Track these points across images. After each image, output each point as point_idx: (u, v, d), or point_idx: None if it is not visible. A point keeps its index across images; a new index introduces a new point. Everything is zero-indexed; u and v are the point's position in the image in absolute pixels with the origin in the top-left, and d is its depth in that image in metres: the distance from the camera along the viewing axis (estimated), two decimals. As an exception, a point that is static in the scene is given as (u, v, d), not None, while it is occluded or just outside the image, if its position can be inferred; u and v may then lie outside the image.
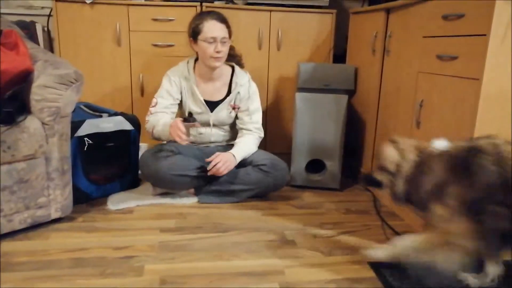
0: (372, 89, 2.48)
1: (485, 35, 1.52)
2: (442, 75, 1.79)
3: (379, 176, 1.58)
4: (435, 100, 1.84)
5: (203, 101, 2.27)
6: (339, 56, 2.98)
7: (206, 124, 2.33)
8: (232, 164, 2.17)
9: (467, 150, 1.36)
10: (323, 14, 2.84)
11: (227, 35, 2.18)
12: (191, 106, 2.28)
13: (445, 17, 1.76)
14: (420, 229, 1.61)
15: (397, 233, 1.93)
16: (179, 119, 2.05)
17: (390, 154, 1.54)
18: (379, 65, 2.39)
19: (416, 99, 1.99)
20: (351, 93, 2.71)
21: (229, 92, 2.30)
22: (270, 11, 2.77)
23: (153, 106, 2.24)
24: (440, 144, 1.49)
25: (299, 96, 2.50)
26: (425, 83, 1.92)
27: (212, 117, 2.30)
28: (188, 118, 2.07)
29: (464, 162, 1.34)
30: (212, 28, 2.13)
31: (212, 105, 2.29)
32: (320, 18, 2.84)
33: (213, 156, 2.15)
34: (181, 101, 2.29)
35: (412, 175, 1.49)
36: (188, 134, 2.05)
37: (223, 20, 2.18)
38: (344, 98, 2.46)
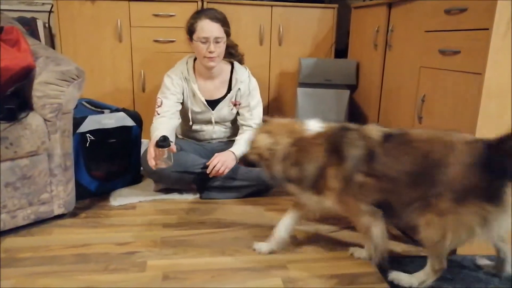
0: (373, 84, 2.48)
1: (487, 29, 1.51)
2: (444, 70, 1.79)
3: (254, 157, 1.63)
4: (437, 95, 1.84)
5: (204, 102, 2.26)
6: (341, 51, 2.98)
7: (208, 122, 2.33)
8: (231, 163, 2.16)
9: (339, 129, 1.51)
10: (325, 9, 2.83)
11: (221, 35, 2.11)
12: (192, 106, 2.28)
13: (448, 12, 1.75)
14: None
15: (399, 228, 1.94)
16: (153, 144, 1.91)
17: (263, 141, 1.58)
18: (381, 60, 2.38)
19: (418, 94, 1.98)
20: (352, 88, 2.70)
21: (229, 89, 2.29)
22: (271, 6, 2.76)
23: (159, 106, 2.23)
24: (314, 125, 1.57)
25: (300, 91, 2.50)
26: (427, 78, 1.91)
27: (214, 115, 2.30)
28: (161, 144, 1.85)
29: (337, 141, 1.48)
30: (204, 28, 2.08)
31: (213, 103, 2.29)
32: (321, 13, 2.83)
33: (212, 158, 2.15)
34: (182, 101, 2.28)
35: (289, 156, 1.54)
36: (161, 156, 1.88)
37: (217, 19, 2.12)
38: (345, 93, 2.45)
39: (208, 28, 2.08)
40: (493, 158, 1.29)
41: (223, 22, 2.14)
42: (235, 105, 2.31)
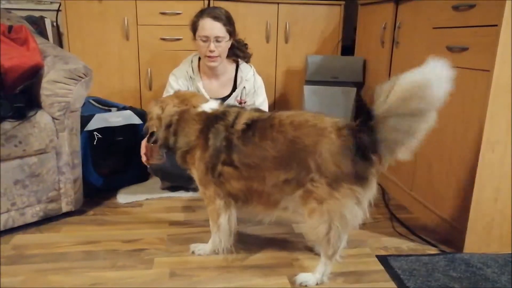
0: (381, 81, 2.45)
1: (496, 25, 1.49)
2: (452, 67, 1.77)
3: (149, 128, 1.67)
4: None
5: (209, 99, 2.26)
6: (348, 48, 2.96)
7: None
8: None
9: (214, 116, 1.54)
10: (331, 6, 2.82)
11: (222, 34, 2.06)
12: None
13: (456, 8, 1.73)
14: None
15: (405, 226, 1.93)
16: (144, 140, 1.84)
17: (155, 111, 1.63)
18: (388, 57, 2.37)
19: (425, 91, 1.97)
20: (359, 85, 2.69)
21: (234, 87, 2.29)
22: (278, 3, 2.75)
23: None
24: (208, 105, 1.61)
25: (307, 88, 2.49)
26: (435, 75, 1.89)
27: None
28: (150, 138, 1.74)
29: (208, 128, 1.52)
30: (205, 26, 2.05)
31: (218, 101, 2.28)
32: (328, 10, 2.82)
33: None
34: None
35: (171, 125, 1.59)
36: (153, 152, 1.86)
37: (219, 18, 2.08)
38: (352, 90, 2.44)
39: (209, 26, 2.06)
40: (357, 140, 1.33)
41: (226, 21, 2.10)
42: (240, 103, 2.31)
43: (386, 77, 2.39)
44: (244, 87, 2.26)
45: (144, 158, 1.88)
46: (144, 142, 1.87)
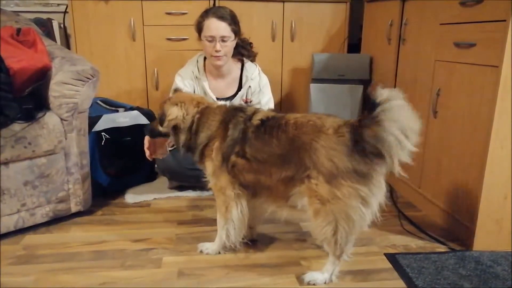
0: (388, 79, 2.45)
1: (504, 20, 1.48)
2: (459, 63, 1.76)
3: (167, 129, 1.67)
4: (453, 88, 1.81)
5: (215, 100, 2.26)
6: (354, 45, 2.94)
7: None
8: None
9: (236, 109, 1.59)
10: (337, 4, 2.80)
11: (228, 34, 2.06)
12: None
13: (463, 3, 1.71)
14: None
15: (414, 224, 1.92)
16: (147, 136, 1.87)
17: (176, 112, 1.62)
18: (394, 54, 2.35)
19: (432, 88, 1.95)
20: (366, 83, 2.68)
21: (240, 87, 2.29)
22: (283, 2, 2.75)
23: None
24: (222, 101, 1.65)
25: (313, 87, 2.48)
26: (442, 72, 1.88)
27: None
28: (152, 133, 1.76)
29: (228, 118, 1.56)
30: (211, 26, 2.05)
31: (224, 101, 2.29)
32: (334, 8, 2.81)
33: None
34: None
35: (193, 125, 1.62)
36: (158, 147, 1.86)
37: (225, 18, 2.08)
38: (359, 88, 2.43)
39: (214, 26, 2.06)
40: (355, 136, 1.33)
41: (231, 21, 2.10)
42: (246, 102, 2.31)
43: (393, 74, 2.37)
44: (250, 86, 2.26)
45: (147, 153, 1.88)
46: (147, 138, 1.87)
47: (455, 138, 1.80)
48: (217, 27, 2.06)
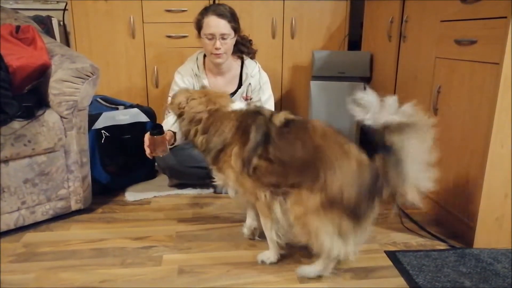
0: (388, 76, 2.44)
1: (505, 17, 1.47)
2: (460, 60, 1.75)
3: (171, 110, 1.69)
4: (453, 86, 1.80)
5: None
6: (354, 42, 2.94)
7: None
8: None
9: (253, 112, 1.56)
10: (338, 1, 2.80)
11: (228, 31, 2.06)
12: None
13: (464, 0, 1.71)
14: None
15: (414, 222, 1.92)
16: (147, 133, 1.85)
17: (179, 97, 1.63)
18: (395, 51, 2.35)
19: (433, 85, 1.95)
20: (366, 80, 2.67)
21: (240, 84, 2.29)
22: (284, -1, 2.74)
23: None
24: (237, 105, 1.60)
25: (314, 84, 2.48)
26: (443, 69, 1.88)
27: None
28: (152, 132, 1.79)
29: (247, 122, 1.51)
30: (210, 24, 2.04)
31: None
32: (334, 5, 2.80)
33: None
34: None
35: (198, 121, 1.59)
36: (158, 146, 1.82)
37: (224, 15, 2.07)
38: (359, 85, 2.43)
39: (214, 24, 2.04)
40: (374, 177, 1.34)
41: (231, 18, 2.09)
42: (246, 99, 2.30)
43: (393, 71, 2.37)
44: (250, 84, 2.26)
45: (148, 151, 1.84)
46: (147, 135, 1.83)
47: (455, 135, 1.79)
48: (217, 24, 2.05)
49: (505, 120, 1.54)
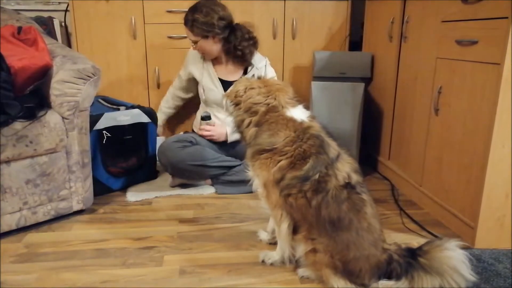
0: (389, 77, 2.44)
1: (507, 17, 1.47)
2: (461, 61, 1.75)
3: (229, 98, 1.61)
4: (454, 86, 1.80)
5: (218, 78, 2.34)
6: (355, 43, 2.94)
7: (220, 105, 2.33)
8: (220, 138, 2.30)
9: (315, 137, 1.44)
10: (339, 1, 2.79)
11: (193, 38, 2.23)
12: (206, 82, 2.34)
13: (465, 0, 1.71)
14: None
15: (415, 222, 1.92)
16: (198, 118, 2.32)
17: (238, 86, 1.58)
18: (396, 52, 2.35)
19: (434, 85, 1.95)
20: (367, 81, 2.67)
21: (245, 73, 2.34)
22: (284, -1, 2.74)
23: (176, 79, 2.55)
24: (297, 113, 1.51)
25: (315, 85, 2.48)
26: (444, 69, 1.88)
27: None
28: (207, 119, 2.29)
29: (308, 149, 1.42)
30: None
31: (227, 84, 2.31)
32: (335, 6, 2.80)
33: (209, 127, 2.29)
34: (196, 81, 2.43)
35: (250, 111, 1.52)
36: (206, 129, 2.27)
37: (187, 23, 2.22)
38: (360, 86, 2.42)
39: (185, 31, 2.26)
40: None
41: (192, 24, 2.21)
42: None
43: (394, 72, 2.37)
44: (254, 75, 2.27)
45: (210, 135, 2.27)
46: (205, 123, 2.27)
47: (456, 136, 1.79)
48: (186, 32, 2.27)
49: (506, 120, 1.54)
